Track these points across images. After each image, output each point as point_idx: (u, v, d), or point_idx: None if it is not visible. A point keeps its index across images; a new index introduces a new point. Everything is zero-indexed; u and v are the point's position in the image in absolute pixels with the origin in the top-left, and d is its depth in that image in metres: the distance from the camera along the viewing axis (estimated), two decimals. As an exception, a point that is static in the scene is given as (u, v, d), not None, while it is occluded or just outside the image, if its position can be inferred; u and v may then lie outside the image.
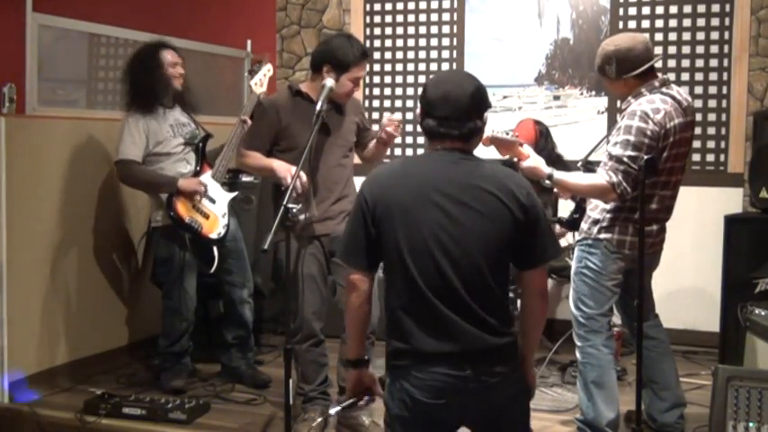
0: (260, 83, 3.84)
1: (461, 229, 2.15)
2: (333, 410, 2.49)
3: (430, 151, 2.30)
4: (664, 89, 3.13)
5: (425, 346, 2.15)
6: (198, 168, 3.99)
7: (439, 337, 2.15)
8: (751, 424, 2.74)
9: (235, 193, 4.09)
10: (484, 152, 2.93)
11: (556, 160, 4.37)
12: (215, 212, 3.95)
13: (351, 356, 2.37)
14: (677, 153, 3.13)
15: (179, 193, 3.85)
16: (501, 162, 4.17)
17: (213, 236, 3.92)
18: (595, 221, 3.21)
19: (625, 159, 3.00)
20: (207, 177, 3.95)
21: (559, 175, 3.13)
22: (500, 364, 2.18)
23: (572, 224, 3.47)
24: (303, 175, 3.21)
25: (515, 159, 3.20)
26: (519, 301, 2.35)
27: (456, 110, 2.23)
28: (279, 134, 3.45)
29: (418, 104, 2.34)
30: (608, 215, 3.17)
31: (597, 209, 3.22)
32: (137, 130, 3.90)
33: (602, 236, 3.18)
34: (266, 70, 3.88)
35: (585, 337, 3.25)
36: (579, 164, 3.45)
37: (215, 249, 3.93)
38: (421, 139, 5.32)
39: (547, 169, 3.13)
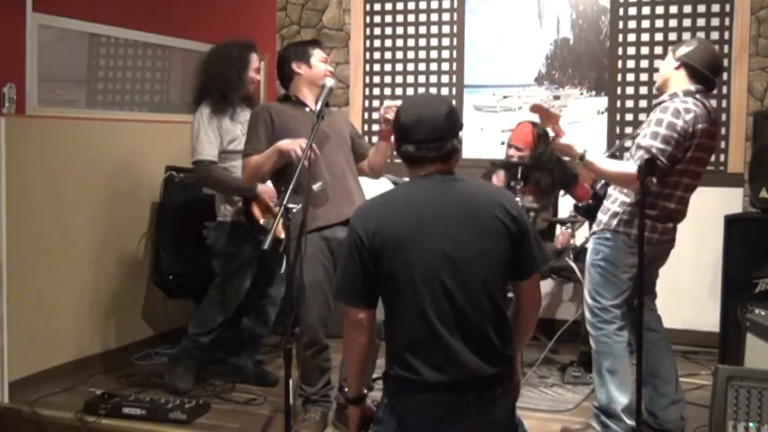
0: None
1: (464, 251, 2.16)
2: None
3: (415, 179, 2.28)
4: (698, 95, 3.20)
5: (430, 377, 2.14)
6: None
7: (444, 367, 2.14)
8: (751, 424, 2.74)
9: None
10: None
11: (556, 163, 4.37)
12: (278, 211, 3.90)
13: (352, 394, 2.34)
14: (699, 157, 3.19)
15: (255, 197, 3.82)
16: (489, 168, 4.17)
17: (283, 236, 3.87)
18: (615, 214, 3.24)
19: (653, 151, 3.05)
20: None
21: (591, 156, 3.19)
22: (500, 387, 2.20)
23: (587, 211, 3.50)
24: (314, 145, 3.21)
25: (552, 134, 3.31)
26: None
27: (432, 132, 2.23)
28: (275, 136, 3.41)
29: (393, 134, 2.34)
30: (628, 209, 3.20)
31: (617, 202, 3.25)
32: (211, 128, 3.84)
33: (621, 229, 3.22)
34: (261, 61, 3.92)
35: (599, 327, 3.29)
36: (605, 155, 3.48)
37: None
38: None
39: (580, 149, 3.20)
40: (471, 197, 2.22)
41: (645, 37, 4.93)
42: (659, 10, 4.90)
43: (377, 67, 5.48)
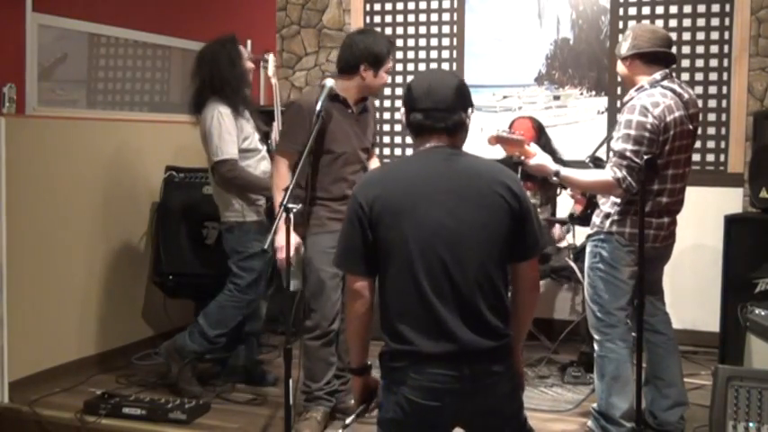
0: (274, 74, 3.89)
1: (463, 224, 2.15)
2: (348, 421, 2.44)
3: (420, 151, 2.28)
4: (665, 82, 3.16)
5: (424, 347, 2.13)
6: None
7: (438, 338, 2.12)
8: (751, 424, 2.74)
9: None
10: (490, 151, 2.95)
11: (553, 156, 4.37)
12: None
13: (355, 364, 2.34)
14: (680, 145, 3.15)
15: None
16: (501, 161, 4.18)
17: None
18: (607, 215, 3.23)
19: (627, 154, 3.02)
20: None
21: (566, 171, 3.17)
22: (497, 364, 2.17)
23: (584, 220, 3.49)
24: (300, 247, 3.36)
25: (522, 158, 3.21)
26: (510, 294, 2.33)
27: (441, 101, 2.23)
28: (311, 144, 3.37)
29: (402, 108, 2.33)
30: (619, 209, 3.19)
31: (608, 202, 3.24)
32: (231, 126, 3.79)
33: (615, 229, 3.20)
34: (273, 61, 3.89)
35: (603, 332, 3.26)
36: (587, 160, 3.47)
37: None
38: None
39: (554, 166, 3.17)
40: (474, 172, 2.22)
41: (645, 37, 4.93)
42: (659, 10, 4.90)
43: (377, 67, 5.47)
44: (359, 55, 3.39)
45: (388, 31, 5.43)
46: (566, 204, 4.57)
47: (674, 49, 3.27)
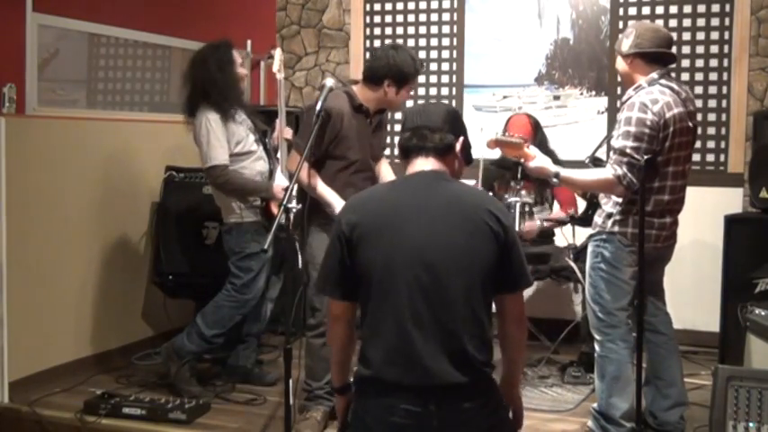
0: (280, 69, 3.82)
1: (446, 250, 2.08)
2: None
3: (405, 176, 2.27)
4: (663, 81, 3.16)
5: (388, 375, 2.06)
6: (271, 166, 3.97)
7: (406, 366, 2.04)
8: (751, 424, 2.74)
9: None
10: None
11: (548, 155, 4.35)
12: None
13: (336, 384, 2.33)
14: (680, 142, 3.15)
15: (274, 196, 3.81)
16: (499, 159, 4.17)
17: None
18: (609, 215, 3.22)
19: (627, 151, 3.03)
20: (279, 174, 3.88)
21: (566, 172, 3.17)
22: (470, 401, 2.06)
23: (584, 221, 3.48)
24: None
25: (522, 160, 3.20)
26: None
27: (429, 119, 2.24)
28: (334, 141, 3.44)
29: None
30: (621, 208, 3.18)
31: (610, 202, 3.23)
32: (221, 131, 3.80)
33: (616, 229, 3.19)
34: (279, 55, 3.82)
35: (604, 332, 3.26)
36: (587, 160, 3.47)
37: (297, 243, 3.91)
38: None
39: (553, 168, 3.17)
40: (459, 198, 2.17)
41: (645, 37, 4.93)
42: (659, 10, 4.90)
43: (377, 67, 5.47)
44: (386, 70, 3.41)
45: (388, 30, 5.44)
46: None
47: (673, 49, 3.27)
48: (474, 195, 2.22)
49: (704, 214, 4.56)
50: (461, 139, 2.29)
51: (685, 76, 4.85)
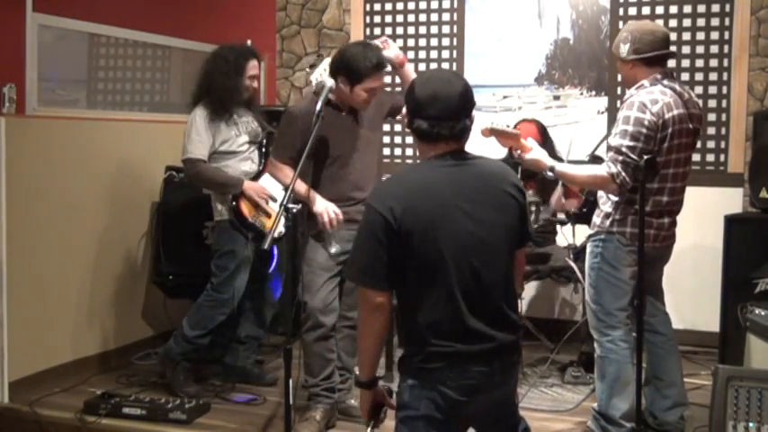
0: (319, 76, 3.71)
1: (488, 231, 2.21)
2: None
3: (430, 160, 2.27)
4: (665, 81, 3.16)
5: (462, 348, 2.18)
6: (261, 168, 3.99)
7: (472, 341, 2.19)
8: (751, 424, 2.74)
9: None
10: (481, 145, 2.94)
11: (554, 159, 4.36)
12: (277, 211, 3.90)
13: (365, 378, 2.32)
14: (680, 143, 3.14)
15: (243, 194, 3.85)
16: (502, 161, 4.15)
17: (275, 235, 3.86)
18: (607, 215, 3.22)
19: (623, 149, 3.02)
20: (267, 176, 3.85)
21: (561, 167, 3.19)
22: (518, 354, 2.32)
23: (581, 218, 3.48)
24: (339, 213, 3.33)
25: (518, 152, 3.21)
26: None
27: (446, 109, 2.22)
28: (310, 141, 3.32)
29: (404, 106, 2.34)
30: (620, 208, 3.18)
31: (609, 202, 3.23)
32: (204, 128, 3.85)
33: (615, 229, 3.19)
34: (326, 65, 3.64)
35: (604, 332, 3.26)
36: (587, 159, 3.47)
37: (275, 248, 3.92)
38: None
39: (549, 161, 3.18)
40: (486, 176, 2.27)
41: (645, 37, 4.92)
42: (659, 10, 4.90)
43: (377, 67, 5.47)
44: (337, 65, 3.37)
45: (389, 31, 5.43)
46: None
47: (672, 48, 3.27)
48: (498, 170, 2.32)
49: (704, 214, 4.56)
50: (473, 113, 2.32)
51: (685, 76, 4.85)
